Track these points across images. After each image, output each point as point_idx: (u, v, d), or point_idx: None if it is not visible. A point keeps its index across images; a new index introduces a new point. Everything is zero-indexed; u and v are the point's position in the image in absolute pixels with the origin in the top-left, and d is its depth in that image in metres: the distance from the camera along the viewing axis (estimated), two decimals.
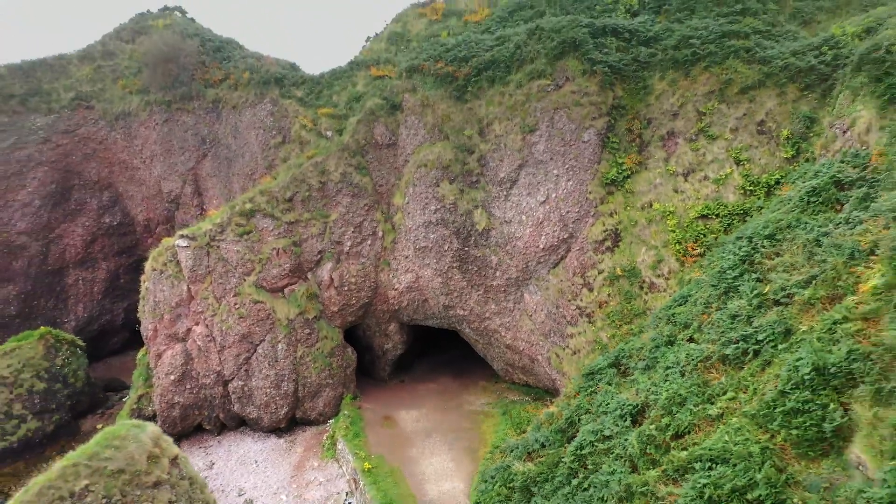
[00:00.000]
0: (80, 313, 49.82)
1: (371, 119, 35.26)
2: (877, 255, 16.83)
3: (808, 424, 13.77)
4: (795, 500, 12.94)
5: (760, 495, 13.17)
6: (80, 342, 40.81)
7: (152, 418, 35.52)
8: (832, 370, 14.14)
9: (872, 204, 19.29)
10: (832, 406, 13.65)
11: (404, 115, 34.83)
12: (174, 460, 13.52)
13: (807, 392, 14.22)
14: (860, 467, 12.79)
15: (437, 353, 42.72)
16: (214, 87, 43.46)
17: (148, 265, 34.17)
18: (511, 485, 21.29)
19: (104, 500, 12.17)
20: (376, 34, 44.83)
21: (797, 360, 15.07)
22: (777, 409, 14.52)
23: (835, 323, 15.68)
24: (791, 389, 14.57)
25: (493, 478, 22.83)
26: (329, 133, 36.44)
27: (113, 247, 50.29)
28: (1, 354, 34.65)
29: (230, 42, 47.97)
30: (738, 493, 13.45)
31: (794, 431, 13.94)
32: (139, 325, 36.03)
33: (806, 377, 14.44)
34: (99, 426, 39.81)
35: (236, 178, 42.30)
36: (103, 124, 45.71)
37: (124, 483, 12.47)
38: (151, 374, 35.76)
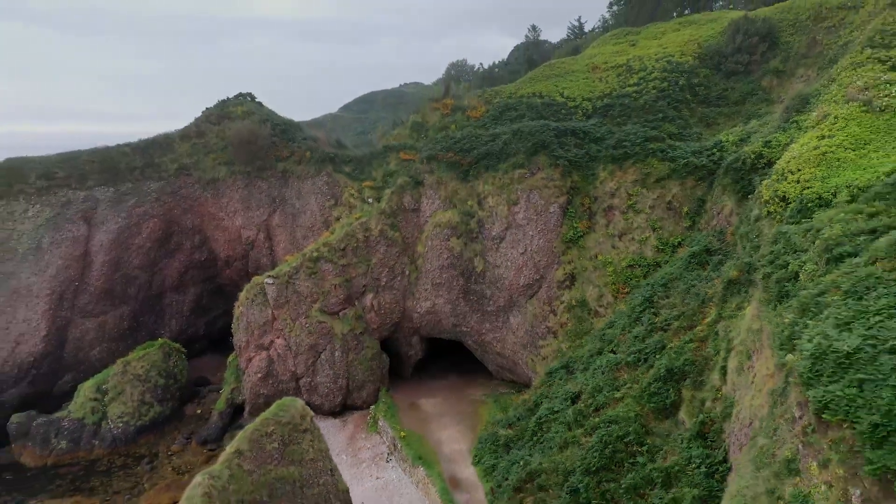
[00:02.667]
0: (174, 327, 57.20)
1: (401, 191, 43.31)
2: (713, 302, 24.76)
3: (659, 400, 21.65)
4: (649, 441, 20.82)
5: (631, 439, 21.00)
6: (183, 349, 48.54)
7: (242, 405, 43.21)
8: (675, 370, 22.02)
9: (722, 267, 27.15)
10: (671, 391, 21.53)
11: (425, 189, 42.84)
12: (311, 419, 21.38)
13: (661, 383, 22.07)
14: (683, 423, 20.66)
15: (447, 358, 48.29)
16: (283, 161, 51.58)
17: (242, 296, 42.03)
18: (497, 443, 28.96)
19: (280, 437, 19.90)
20: (402, 122, 53.17)
21: (660, 364, 22.94)
22: (646, 392, 22.33)
23: (685, 343, 23.50)
24: (654, 381, 22.41)
25: (486, 440, 30.50)
26: (370, 200, 44.55)
27: (199, 276, 57.88)
28: (136, 359, 42.42)
29: (292, 124, 56.05)
30: (619, 438, 21.21)
31: (653, 405, 21.78)
32: (232, 337, 43.81)
33: (662, 374, 22.28)
34: (198, 411, 47.45)
35: (299, 229, 50.38)
36: (198, 187, 53.74)
37: (290, 430, 20.19)
38: (241, 374, 43.33)
